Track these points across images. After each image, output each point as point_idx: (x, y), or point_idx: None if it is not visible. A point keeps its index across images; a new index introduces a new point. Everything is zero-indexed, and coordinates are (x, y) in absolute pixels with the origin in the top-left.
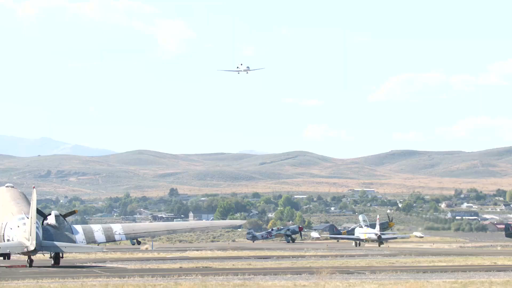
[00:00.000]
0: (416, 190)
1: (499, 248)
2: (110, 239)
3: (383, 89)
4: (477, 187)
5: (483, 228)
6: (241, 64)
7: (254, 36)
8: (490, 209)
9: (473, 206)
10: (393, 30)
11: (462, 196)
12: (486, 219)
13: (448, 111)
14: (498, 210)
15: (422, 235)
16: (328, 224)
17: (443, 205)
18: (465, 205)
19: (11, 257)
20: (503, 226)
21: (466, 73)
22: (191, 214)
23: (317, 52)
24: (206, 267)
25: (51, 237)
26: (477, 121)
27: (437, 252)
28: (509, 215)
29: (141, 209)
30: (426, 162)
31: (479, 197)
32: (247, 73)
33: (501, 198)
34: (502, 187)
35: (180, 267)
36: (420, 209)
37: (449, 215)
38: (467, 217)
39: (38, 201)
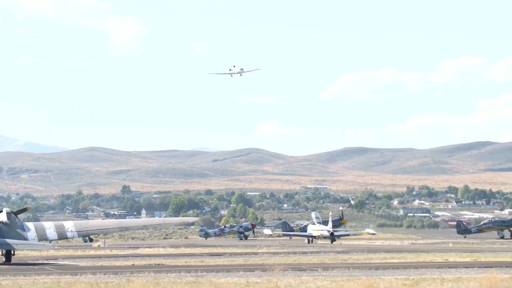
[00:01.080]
0: (369, 187)
1: (450, 245)
2: (62, 236)
3: (335, 86)
4: (429, 184)
5: (435, 225)
6: (234, 66)
7: (208, 33)
8: (441, 206)
9: (425, 203)
10: (346, 28)
11: (414, 193)
12: (437, 216)
13: (400, 108)
14: (450, 207)
15: (374, 232)
16: (281, 221)
17: (395, 202)
18: (417, 202)
19: None
20: (455, 223)
21: (418, 71)
22: (143, 211)
23: (270, 50)
24: (158, 264)
25: (2, 234)
26: (429, 118)
27: (389, 249)
28: (460, 212)
29: (93, 206)
30: (379, 159)
31: (431, 194)
32: (240, 75)
33: (453, 195)
34: (454, 184)
35: (133, 264)
36: (373, 206)
37: (401, 212)
38: (419, 214)
39: None
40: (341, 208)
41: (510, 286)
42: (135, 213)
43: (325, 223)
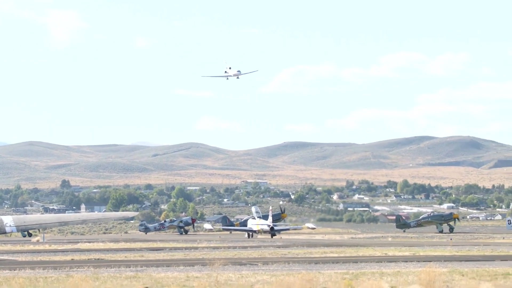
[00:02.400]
0: (309, 181)
1: (390, 239)
2: (0, 231)
3: (275, 80)
4: (369, 179)
5: (374, 219)
6: (230, 68)
7: (148, 27)
8: (381, 200)
9: (365, 198)
10: (285, 22)
11: (353, 187)
12: (377, 210)
13: (339, 103)
14: (389, 201)
15: (314, 226)
16: (221, 215)
17: (335, 197)
18: (356, 196)
19: None
20: (394, 217)
21: (357, 66)
22: (83, 206)
23: (209, 44)
24: (98, 259)
25: None
26: (369, 113)
27: (329, 243)
28: (399, 206)
29: (32, 201)
30: (319, 153)
31: (370, 189)
32: (237, 78)
33: (392, 190)
34: (393, 179)
35: (72, 259)
36: (312, 200)
37: (341, 206)
38: (358, 208)
39: None
40: (281, 202)
41: (448, 280)
42: (74, 207)
43: (265, 217)
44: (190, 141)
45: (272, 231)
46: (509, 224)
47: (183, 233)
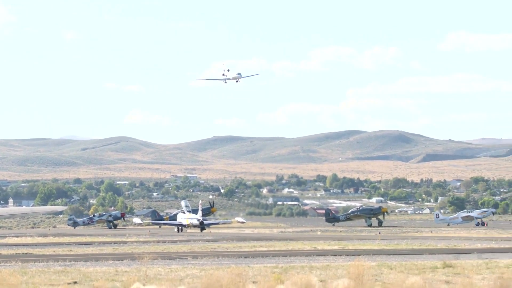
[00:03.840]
0: (238, 175)
1: (319, 233)
2: None
3: (206, 74)
4: (298, 173)
5: (304, 213)
6: (228, 70)
7: (77, 21)
8: (310, 194)
9: (294, 192)
10: (214, 17)
11: (283, 181)
12: (306, 204)
13: (269, 97)
14: (318, 195)
15: (244, 221)
16: (151, 209)
17: (264, 191)
18: (286, 190)
19: None
20: (323, 211)
21: (287, 60)
22: (11, 200)
23: (139, 37)
24: (26, 253)
25: None
26: (298, 107)
27: (259, 237)
28: (329, 200)
29: None
30: (248, 148)
31: (300, 183)
32: (236, 81)
33: (321, 184)
34: (322, 173)
35: None
36: (242, 194)
37: (270, 200)
38: (288, 203)
39: None
40: (211, 196)
41: (377, 274)
42: (1, 202)
43: (195, 211)
44: (119, 135)
45: (202, 225)
46: (437, 218)
47: (112, 227)
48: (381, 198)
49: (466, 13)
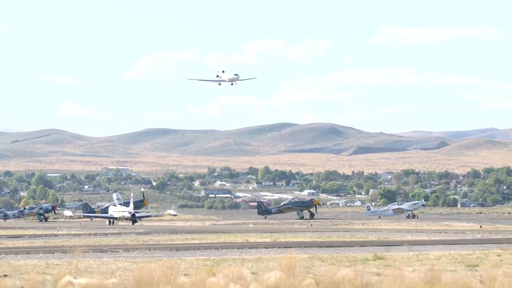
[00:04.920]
0: (170, 168)
1: (251, 225)
2: None
3: (138, 67)
4: (230, 165)
5: (236, 206)
6: (223, 72)
7: (8, 12)
8: (242, 187)
9: (226, 184)
10: (147, 9)
11: (215, 174)
12: (238, 197)
13: (202, 90)
14: (251, 188)
15: (175, 213)
16: (82, 202)
17: (196, 183)
18: (218, 183)
19: None
20: (255, 203)
21: (220, 52)
22: None
23: (72, 29)
24: None
25: None
26: (231, 100)
27: (191, 230)
28: (261, 193)
29: None
30: (180, 140)
31: (232, 175)
32: (232, 84)
33: (253, 176)
34: (255, 165)
35: None
36: (174, 187)
37: (202, 193)
38: (220, 195)
39: None
40: (142, 189)
41: (309, 266)
42: None
43: (126, 204)
44: (50, 127)
45: (134, 218)
46: (368, 210)
47: (43, 220)
48: (312, 191)
49: (398, 7)
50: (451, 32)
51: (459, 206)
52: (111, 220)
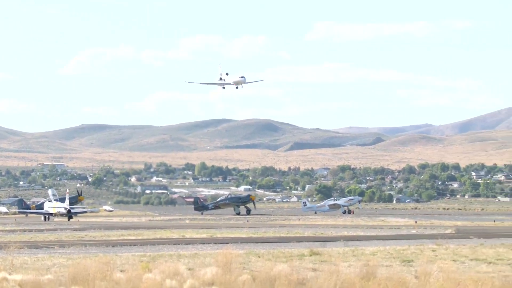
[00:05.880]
0: (106, 164)
1: (187, 221)
2: None
3: (73, 63)
4: (167, 161)
5: (172, 202)
6: (227, 74)
7: None
8: (179, 183)
9: (163, 180)
10: (82, 4)
11: (152, 170)
12: (175, 192)
13: (138, 85)
14: (187, 184)
15: (112, 209)
16: (17, 198)
17: (133, 179)
18: (154, 179)
19: None
20: (192, 199)
21: (156, 48)
22: None
23: (6, 24)
24: None
25: None
26: (167, 96)
27: (127, 226)
28: (197, 189)
29: None
30: (117, 136)
31: (169, 171)
32: (237, 87)
33: (190, 172)
34: (191, 161)
35: None
36: (110, 183)
37: (139, 189)
38: (156, 191)
39: None
40: (78, 185)
41: (245, 262)
42: None
43: (62, 200)
44: None
45: (69, 214)
46: (304, 206)
47: None
48: (249, 187)
49: (334, 4)
50: (386, 29)
51: (394, 201)
52: (47, 216)
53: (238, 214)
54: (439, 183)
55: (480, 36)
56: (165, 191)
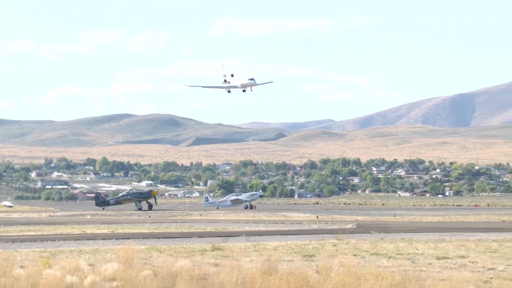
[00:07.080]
0: (6, 159)
1: (88, 217)
2: None
3: None
4: (68, 156)
5: (73, 197)
6: (232, 76)
7: None
8: (80, 178)
9: (64, 175)
10: None
11: (52, 165)
12: (76, 188)
13: (38, 80)
14: (88, 179)
15: (11, 205)
16: None
17: (33, 174)
18: (55, 174)
19: None
20: (93, 195)
21: (57, 42)
22: None
23: None
24: None
25: None
26: (68, 90)
27: (27, 221)
28: (99, 184)
29: None
30: (17, 131)
31: (70, 166)
32: (244, 90)
33: (91, 167)
34: (92, 156)
35: None
36: (10, 178)
37: (39, 184)
38: (57, 186)
39: None
40: None
41: (146, 257)
42: None
43: None
44: None
45: None
46: (206, 201)
47: None
48: (151, 182)
49: None
50: (288, 24)
51: (296, 196)
52: None
53: (140, 209)
54: (340, 178)
55: (381, 32)
56: (66, 187)
